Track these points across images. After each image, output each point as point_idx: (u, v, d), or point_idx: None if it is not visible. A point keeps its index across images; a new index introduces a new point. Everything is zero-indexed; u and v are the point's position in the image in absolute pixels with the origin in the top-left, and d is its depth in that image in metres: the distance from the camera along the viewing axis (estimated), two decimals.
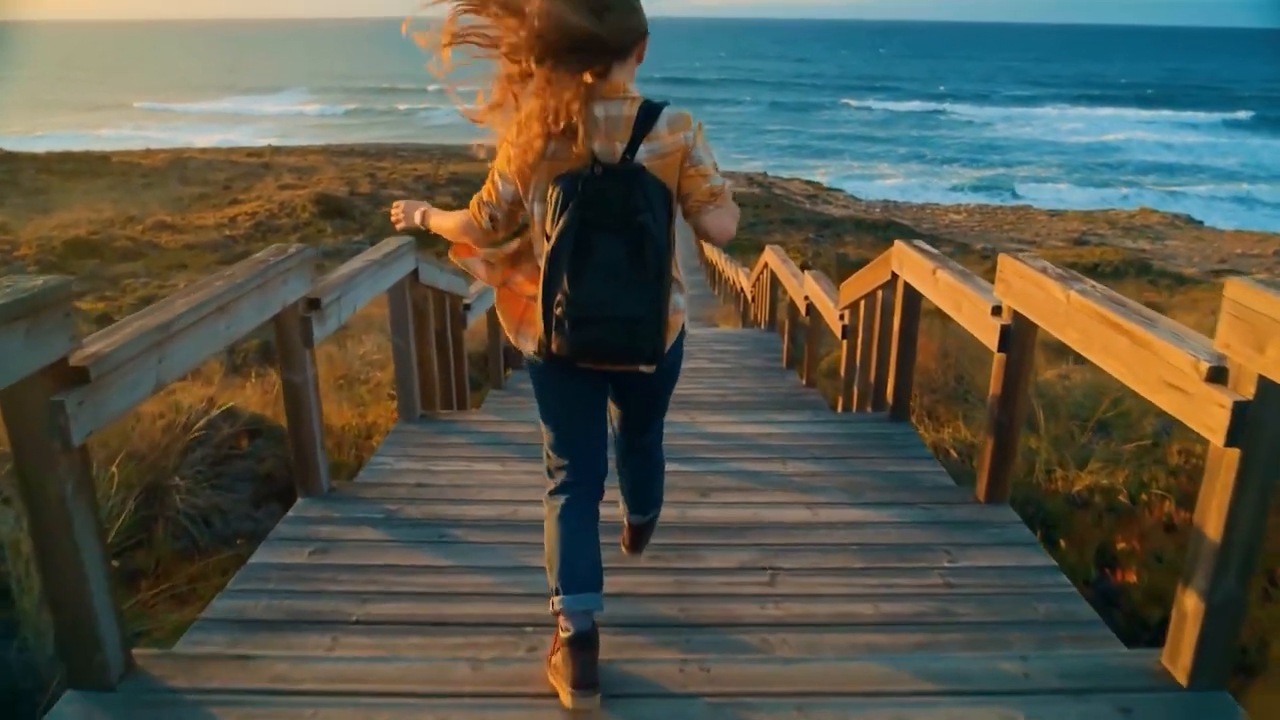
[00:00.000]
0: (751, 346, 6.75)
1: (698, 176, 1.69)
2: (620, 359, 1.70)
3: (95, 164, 34.48)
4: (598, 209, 1.60)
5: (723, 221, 1.74)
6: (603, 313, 1.62)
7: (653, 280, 1.63)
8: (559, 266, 1.60)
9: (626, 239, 1.61)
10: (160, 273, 17.68)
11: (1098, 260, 19.06)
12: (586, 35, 1.56)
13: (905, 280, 3.35)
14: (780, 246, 7.05)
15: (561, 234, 1.59)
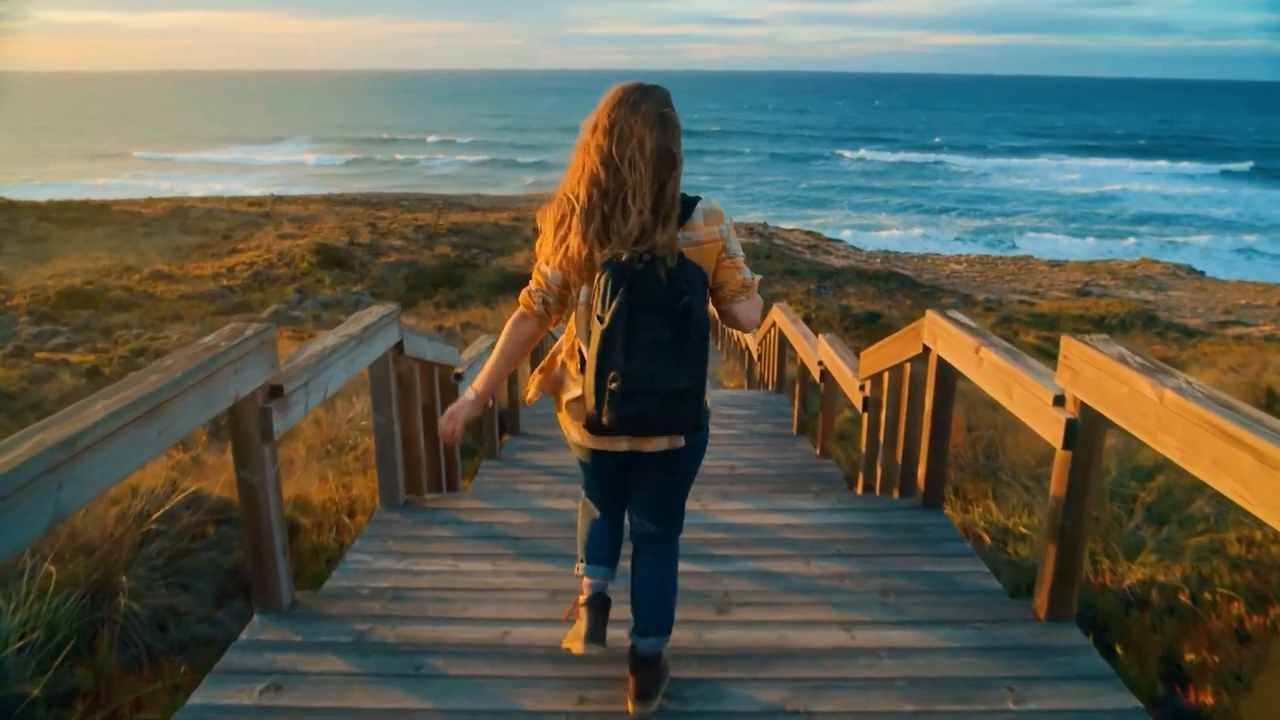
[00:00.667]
0: (760, 410, 6.42)
1: (733, 268, 1.87)
2: (664, 430, 1.88)
3: (96, 212, 34.52)
4: (645, 294, 1.76)
5: (751, 313, 1.94)
6: (652, 386, 1.77)
7: (695, 357, 1.80)
8: (613, 345, 1.76)
9: (671, 319, 1.77)
10: (154, 324, 17.44)
11: (1104, 312, 18.84)
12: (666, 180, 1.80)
13: (940, 355, 3.02)
14: (785, 302, 6.75)
15: (614, 316, 1.75)
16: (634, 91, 1.81)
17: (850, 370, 4.20)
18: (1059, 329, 17.67)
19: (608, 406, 1.79)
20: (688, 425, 1.88)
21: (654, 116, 1.78)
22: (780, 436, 5.79)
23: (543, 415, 6.28)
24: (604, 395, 1.79)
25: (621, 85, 1.84)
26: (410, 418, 3.32)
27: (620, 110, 1.79)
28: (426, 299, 20.82)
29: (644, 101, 1.79)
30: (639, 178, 1.76)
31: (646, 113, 1.78)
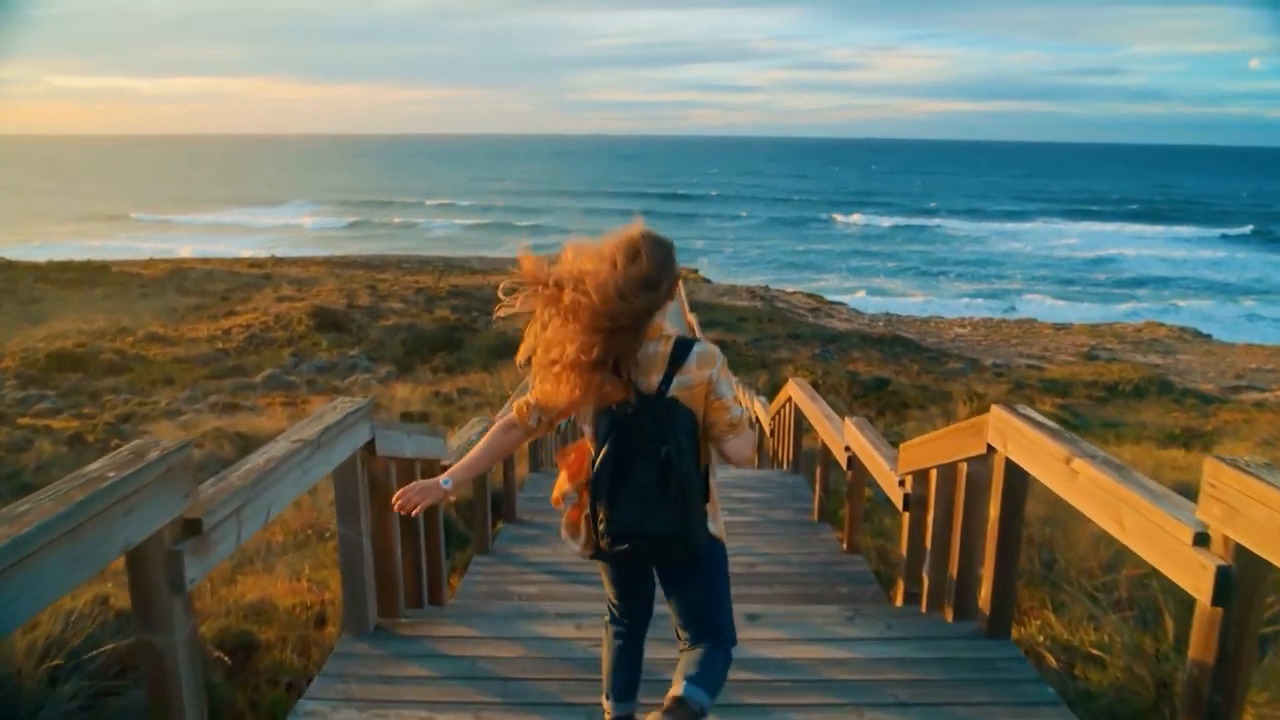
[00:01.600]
0: (776, 494, 5.90)
1: (721, 409, 1.94)
2: (659, 563, 2.03)
3: (94, 273, 34.43)
4: (633, 440, 1.87)
5: (741, 450, 1.98)
6: (635, 530, 1.88)
7: (676, 503, 1.86)
8: (600, 490, 1.89)
9: (655, 466, 1.85)
10: (145, 388, 17.04)
11: (1118, 378, 18.41)
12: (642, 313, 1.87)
13: (1009, 458, 2.55)
14: (795, 372, 6.29)
15: (601, 463, 1.87)
16: (628, 249, 1.88)
17: (886, 462, 3.71)
18: (1072, 395, 17.21)
19: (603, 538, 1.91)
20: (677, 559, 1.95)
21: (642, 278, 1.85)
22: (800, 525, 5.27)
23: (540, 499, 5.76)
24: (597, 530, 1.91)
25: (619, 240, 1.90)
26: (385, 526, 2.82)
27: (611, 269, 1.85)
28: (424, 363, 20.47)
29: (634, 262, 1.86)
30: (625, 335, 1.84)
31: (635, 273, 1.85)
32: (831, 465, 5.25)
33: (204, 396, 15.89)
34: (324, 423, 2.29)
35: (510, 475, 5.19)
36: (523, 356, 2.01)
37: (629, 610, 2.18)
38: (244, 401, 15.15)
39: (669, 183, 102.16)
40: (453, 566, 4.75)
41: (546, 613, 3.02)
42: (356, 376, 18.90)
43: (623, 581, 2.13)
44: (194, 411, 13.94)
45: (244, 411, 13.85)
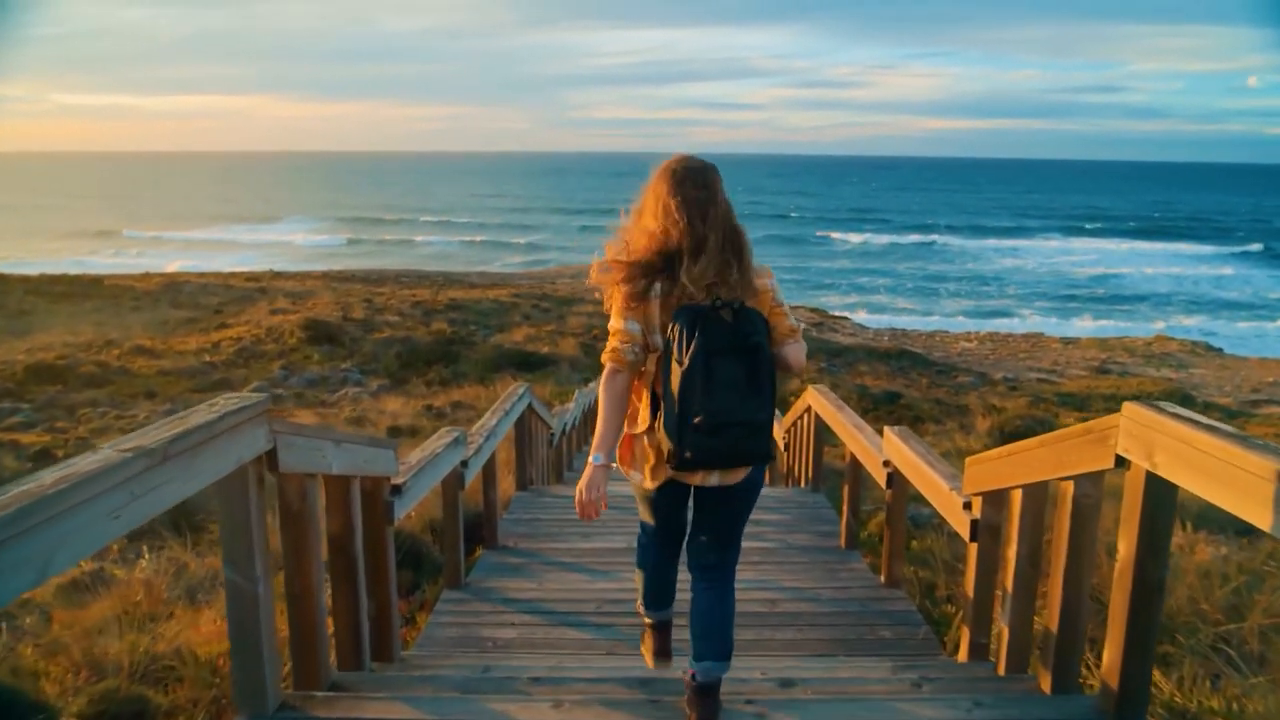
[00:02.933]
0: (795, 515, 5.17)
1: (782, 315, 2.09)
2: (749, 458, 2.05)
3: (87, 287, 33.92)
4: (718, 336, 1.93)
5: (799, 355, 2.12)
6: (734, 418, 1.93)
7: (768, 390, 1.99)
8: (693, 385, 1.91)
9: (743, 359, 1.94)
10: (124, 401, 16.39)
11: (1136, 392, 17.68)
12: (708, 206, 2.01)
13: (1154, 474, 1.83)
14: (822, 385, 5.58)
15: (693, 358, 1.91)
16: (693, 161, 2.00)
17: (944, 480, 2.99)
18: (1090, 409, 16.49)
19: (692, 442, 1.92)
20: (767, 453, 2.05)
21: (716, 180, 2.00)
22: (826, 552, 4.54)
23: (528, 521, 5.03)
24: (687, 432, 1.92)
25: (679, 157, 2.01)
26: (303, 565, 2.10)
27: (687, 174, 1.96)
28: (419, 376, 19.85)
29: (705, 169, 2.00)
30: (715, 232, 1.94)
31: (710, 177, 1.99)
32: (862, 482, 4.52)
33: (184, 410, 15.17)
34: (185, 425, 1.57)
35: (491, 494, 4.46)
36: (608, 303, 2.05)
37: (666, 535, 2.29)
38: None
39: None
40: (422, 601, 4.02)
41: (518, 679, 2.27)
42: (347, 389, 18.23)
43: (670, 511, 2.21)
44: None
45: None
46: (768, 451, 2.02)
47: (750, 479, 2.09)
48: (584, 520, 2.05)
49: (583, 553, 4.42)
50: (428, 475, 3.09)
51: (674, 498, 2.16)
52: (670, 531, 2.27)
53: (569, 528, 4.82)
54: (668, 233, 1.93)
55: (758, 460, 2.05)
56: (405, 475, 2.82)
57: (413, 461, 3.07)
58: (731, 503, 2.13)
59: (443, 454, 3.25)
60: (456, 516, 3.62)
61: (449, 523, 3.66)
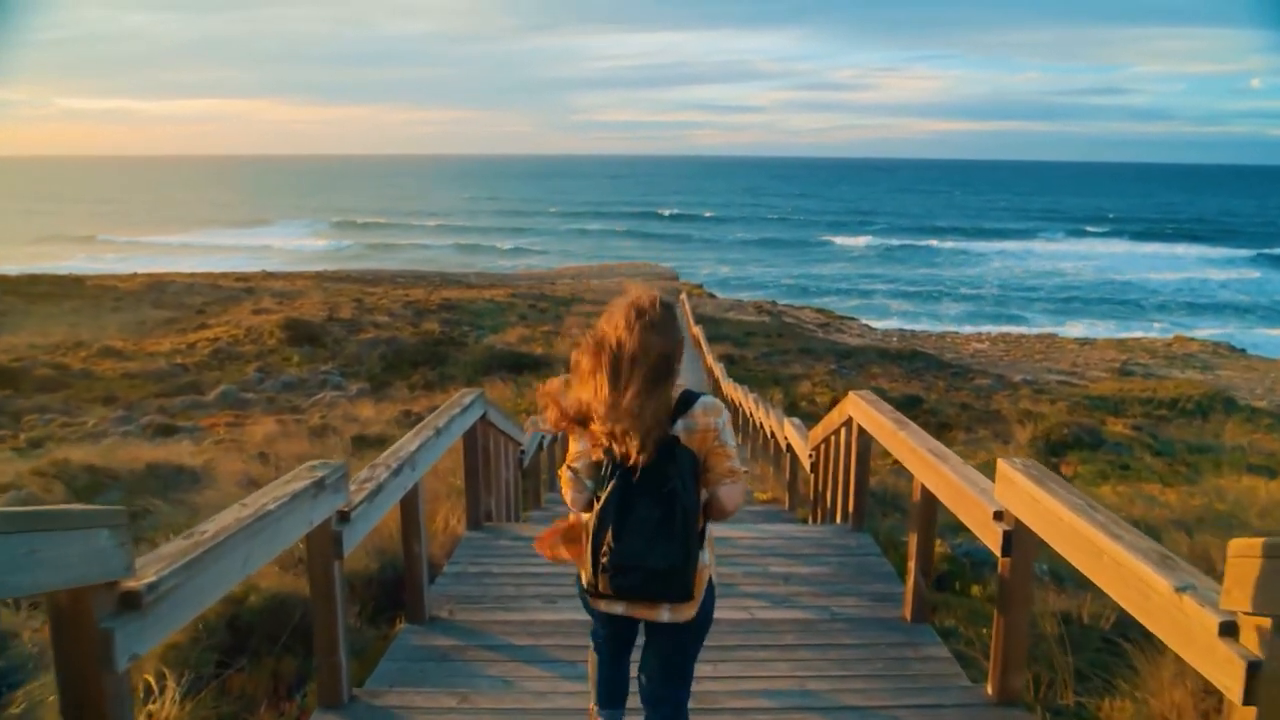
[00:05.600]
0: (837, 565, 3.84)
1: (723, 455, 2.01)
2: (654, 599, 2.01)
3: (68, 287, 32.85)
4: (635, 479, 1.94)
5: (734, 496, 2.03)
6: (639, 563, 1.94)
7: (680, 537, 1.94)
8: (605, 524, 1.95)
9: (659, 503, 1.93)
10: (81, 406, 15.13)
11: (1175, 395, 16.36)
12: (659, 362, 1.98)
13: None
14: (867, 392, 4.25)
15: (608, 497, 1.95)
16: (632, 310, 1.99)
17: (1156, 567, 1.66)
18: (1126, 413, 15.17)
19: (602, 576, 1.96)
20: (675, 596, 1.99)
21: (651, 332, 1.96)
22: (887, 627, 3.22)
23: (472, 577, 3.72)
24: (598, 566, 1.96)
25: (623, 304, 2.01)
26: None
27: (612, 338, 1.96)
28: (403, 379, 18.59)
29: (640, 319, 1.96)
30: (637, 387, 1.92)
31: (644, 329, 1.95)
32: (932, 525, 3.21)
33: (140, 416, 13.99)
34: None
35: (415, 547, 3.13)
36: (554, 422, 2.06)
37: (616, 652, 2.27)
38: (184, 423, 13.26)
39: (673, 203, 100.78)
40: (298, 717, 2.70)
41: None
42: (325, 393, 16.97)
43: (611, 630, 2.21)
44: (120, 434, 12.11)
45: (176, 435, 11.98)
46: (682, 596, 1.99)
47: (675, 620, 2.05)
48: (542, 555, 2.11)
49: (545, 629, 3.12)
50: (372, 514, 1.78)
51: (619, 626, 2.18)
52: (614, 647, 2.27)
53: (531, 586, 3.52)
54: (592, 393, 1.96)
55: (672, 602, 2.02)
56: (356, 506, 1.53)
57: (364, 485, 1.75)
58: (663, 638, 2.11)
59: (285, 509, 1.94)
60: (331, 605, 2.27)
61: (319, 614, 2.32)
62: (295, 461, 8.66)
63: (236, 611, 3.23)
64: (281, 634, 3.18)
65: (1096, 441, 9.64)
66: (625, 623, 2.12)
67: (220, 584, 1.68)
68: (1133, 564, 1.70)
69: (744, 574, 3.68)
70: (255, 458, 7.84)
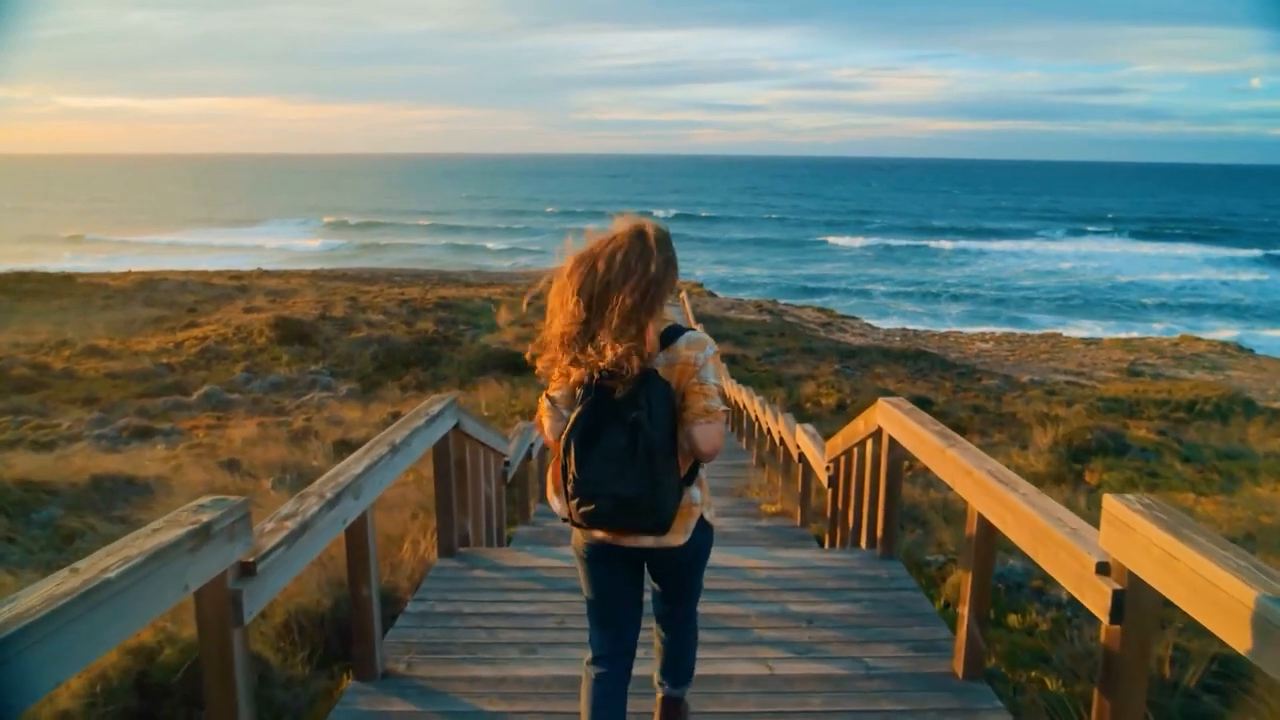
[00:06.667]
0: (867, 604, 3.28)
1: (699, 393, 1.95)
2: (623, 528, 1.97)
3: (57, 285, 32.31)
4: (601, 409, 1.91)
5: (710, 436, 1.95)
6: (602, 491, 1.89)
7: (643, 468, 1.87)
8: (568, 449, 1.91)
9: (625, 431, 1.88)
10: (57, 408, 14.57)
11: (1192, 397, 15.80)
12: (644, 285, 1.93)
13: None
14: (899, 399, 3.69)
15: (574, 423, 1.91)
16: (611, 239, 1.97)
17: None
18: (1142, 415, 14.61)
19: (571, 503, 1.93)
20: (645, 526, 1.94)
21: (628, 254, 1.92)
22: (930, 685, 2.67)
23: (439, 618, 3.15)
24: (566, 493, 1.94)
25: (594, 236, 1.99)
26: None
27: (590, 257, 1.94)
28: (395, 380, 18.08)
29: (616, 247, 1.94)
30: (623, 303, 1.87)
31: (620, 254, 1.92)
32: (989, 563, 2.65)
33: (117, 418, 13.47)
34: None
35: (361, 589, 2.56)
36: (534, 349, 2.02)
37: (607, 631, 2.14)
38: (162, 425, 12.74)
39: (672, 202, 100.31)
40: None
41: None
42: (313, 394, 16.46)
43: (601, 584, 2.10)
44: (94, 437, 11.59)
45: (153, 438, 11.47)
46: (656, 525, 1.92)
47: (659, 546, 2.02)
48: None
49: (520, 689, 2.56)
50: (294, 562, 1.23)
51: (601, 563, 2.09)
52: (609, 617, 2.14)
53: (507, 631, 2.96)
54: (565, 318, 1.92)
55: (646, 533, 1.96)
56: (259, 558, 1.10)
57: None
58: (664, 562, 2.09)
59: (138, 574, 1.37)
60: (228, 687, 1.67)
61: (213, 698, 1.73)
62: (268, 470, 8.09)
63: (146, 669, 2.66)
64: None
65: (1121, 447, 9.09)
66: (614, 561, 2.04)
67: None
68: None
69: (759, 614, 3.12)
70: (224, 465, 7.28)
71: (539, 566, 3.54)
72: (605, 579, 2.08)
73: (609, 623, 2.11)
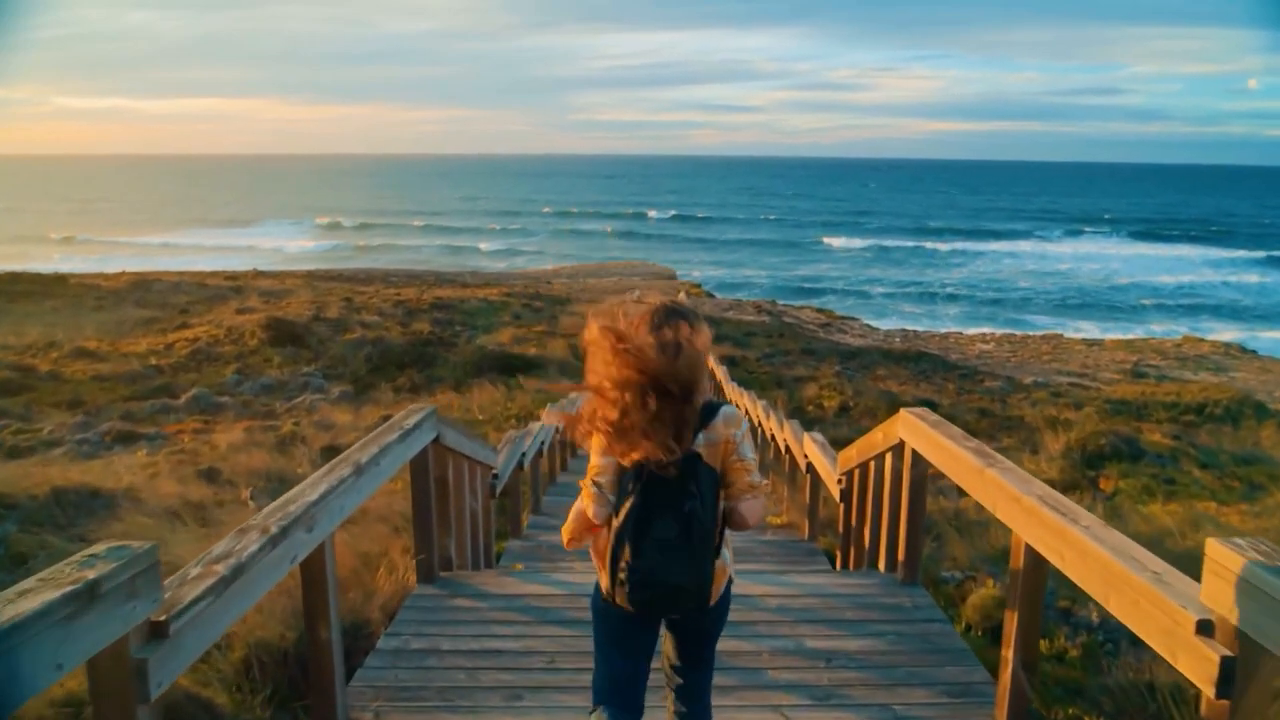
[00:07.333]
0: (891, 636, 2.96)
1: (742, 470, 1.98)
2: (670, 613, 2.03)
3: (49, 285, 31.95)
4: (655, 496, 1.90)
5: (755, 510, 2.00)
6: (657, 578, 1.90)
7: (698, 557, 1.90)
8: (623, 540, 1.91)
9: (679, 520, 1.89)
10: (41, 412, 14.21)
11: (1201, 399, 15.49)
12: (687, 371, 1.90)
13: None
14: (923, 409, 3.36)
15: (627, 515, 1.91)
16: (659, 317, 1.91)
17: None
18: (1150, 418, 14.30)
19: (620, 589, 1.92)
20: (691, 608, 1.97)
21: (690, 350, 1.88)
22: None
23: (413, 656, 2.81)
24: (615, 580, 1.92)
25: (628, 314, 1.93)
26: None
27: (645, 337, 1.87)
28: (388, 381, 17.74)
29: (665, 327, 1.89)
30: (672, 406, 1.85)
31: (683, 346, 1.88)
32: (1038, 601, 2.32)
33: (101, 422, 13.11)
34: None
35: (320, 631, 2.23)
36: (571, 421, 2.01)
37: (616, 689, 2.12)
38: (147, 430, 12.39)
39: (669, 203, 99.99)
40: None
41: None
42: (304, 396, 16.11)
43: (627, 642, 2.10)
44: (75, 442, 11.23)
45: (136, 443, 11.12)
46: (701, 605, 1.97)
47: (712, 607, 2.04)
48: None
49: None
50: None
51: (625, 621, 2.06)
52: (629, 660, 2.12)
53: (490, 671, 2.62)
54: (613, 405, 1.87)
55: (683, 613, 2.01)
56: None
57: None
58: (692, 621, 2.09)
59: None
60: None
61: None
62: (250, 477, 7.72)
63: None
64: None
65: (1136, 452, 8.77)
66: (640, 624, 2.06)
67: None
68: None
69: (771, 651, 2.79)
70: (202, 474, 6.93)
71: (528, 594, 3.22)
72: (634, 636, 2.09)
73: (626, 672, 2.10)
